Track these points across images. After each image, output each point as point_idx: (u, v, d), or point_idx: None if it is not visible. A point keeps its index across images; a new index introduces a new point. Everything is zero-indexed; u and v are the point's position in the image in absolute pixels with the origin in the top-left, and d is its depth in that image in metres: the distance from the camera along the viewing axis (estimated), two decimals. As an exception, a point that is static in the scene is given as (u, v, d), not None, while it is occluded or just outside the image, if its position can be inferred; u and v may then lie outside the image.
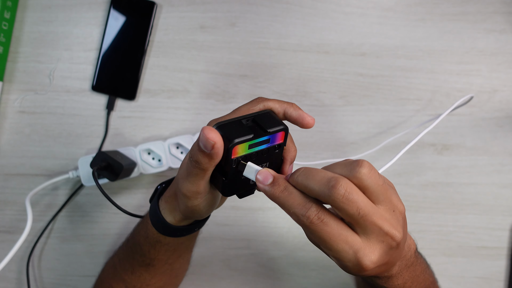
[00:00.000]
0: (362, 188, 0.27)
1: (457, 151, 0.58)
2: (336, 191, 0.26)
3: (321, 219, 0.27)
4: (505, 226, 0.58)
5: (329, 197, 0.27)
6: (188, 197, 0.33)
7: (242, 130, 0.30)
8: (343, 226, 0.28)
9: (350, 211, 0.27)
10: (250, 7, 0.57)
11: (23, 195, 0.57)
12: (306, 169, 0.29)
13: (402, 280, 0.35)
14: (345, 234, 0.27)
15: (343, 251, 0.27)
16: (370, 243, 0.28)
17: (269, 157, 0.32)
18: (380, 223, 0.27)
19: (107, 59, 0.56)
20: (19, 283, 0.57)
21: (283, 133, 0.32)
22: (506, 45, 0.57)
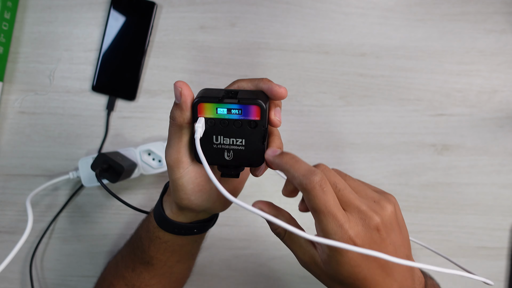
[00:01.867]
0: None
1: (457, 152, 0.58)
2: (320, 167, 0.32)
3: (322, 187, 0.29)
4: (505, 226, 0.58)
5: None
6: (171, 167, 0.34)
7: (214, 94, 0.31)
8: (337, 200, 0.30)
9: (333, 182, 0.31)
10: (250, 8, 0.57)
11: (23, 196, 0.57)
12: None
13: None
14: (337, 207, 0.30)
15: (332, 222, 0.29)
16: (352, 218, 0.30)
17: (245, 133, 0.32)
18: (358, 203, 0.31)
19: (107, 60, 0.56)
20: (19, 284, 0.58)
21: (258, 108, 0.31)
22: (506, 45, 0.57)
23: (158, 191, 0.57)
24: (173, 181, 0.35)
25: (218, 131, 0.32)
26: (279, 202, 0.59)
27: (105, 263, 0.52)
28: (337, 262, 0.30)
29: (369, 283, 0.31)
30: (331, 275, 0.32)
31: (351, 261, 0.30)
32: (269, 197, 0.58)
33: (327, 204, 0.30)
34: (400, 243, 0.32)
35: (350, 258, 0.30)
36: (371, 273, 0.31)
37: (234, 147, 0.33)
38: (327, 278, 0.33)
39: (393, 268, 0.31)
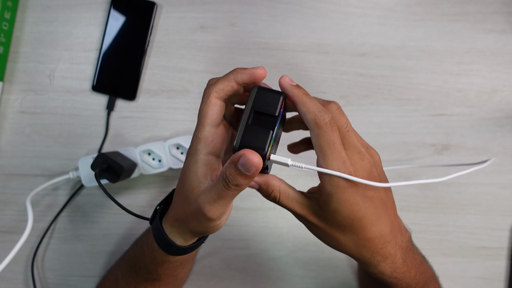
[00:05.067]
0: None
1: (457, 151, 0.58)
2: (333, 105, 0.34)
3: (332, 125, 0.31)
4: (505, 226, 0.58)
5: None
6: (214, 220, 0.33)
7: (260, 133, 0.31)
8: (341, 140, 0.32)
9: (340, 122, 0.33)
10: (250, 7, 0.57)
11: (23, 196, 0.57)
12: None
13: (407, 267, 0.36)
14: (341, 146, 0.32)
15: (337, 159, 0.31)
16: (352, 157, 0.32)
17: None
18: (358, 145, 0.33)
19: (107, 59, 0.56)
20: (20, 284, 0.58)
21: (283, 102, 0.33)
22: (506, 45, 0.57)
23: (158, 191, 0.57)
24: (210, 228, 0.34)
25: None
26: (279, 202, 0.59)
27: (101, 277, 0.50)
28: (337, 200, 0.32)
29: (365, 223, 0.33)
30: (329, 219, 0.33)
31: (351, 199, 0.32)
32: (269, 197, 0.58)
33: (335, 141, 0.31)
34: (388, 191, 0.36)
35: (349, 195, 0.32)
36: (368, 213, 0.33)
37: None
38: (325, 225, 0.34)
39: (385, 211, 0.34)
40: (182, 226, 0.35)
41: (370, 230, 0.33)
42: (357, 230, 0.33)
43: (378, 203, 0.34)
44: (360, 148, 0.33)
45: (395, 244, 0.35)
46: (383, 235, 0.34)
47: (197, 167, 0.32)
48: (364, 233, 0.33)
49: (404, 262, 0.36)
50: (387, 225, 0.34)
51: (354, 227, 0.33)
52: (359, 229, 0.33)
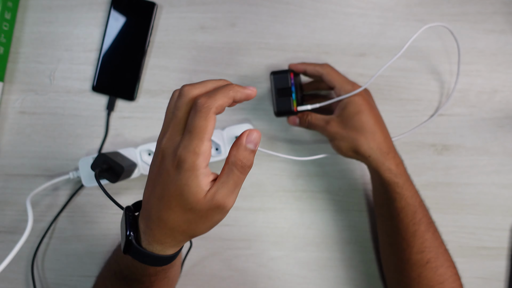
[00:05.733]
0: None
1: (457, 151, 0.58)
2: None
3: (334, 69, 0.52)
4: (505, 226, 0.58)
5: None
6: (227, 211, 0.34)
7: (286, 100, 0.51)
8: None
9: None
10: (250, 8, 0.57)
11: (23, 196, 0.57)
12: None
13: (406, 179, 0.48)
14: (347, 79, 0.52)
15: (347, 85, 0.50)
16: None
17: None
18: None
19: (108, 60, 0.57)
20: (20, 284, 0.58)
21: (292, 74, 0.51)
22: (506, 45, 0.57)
23: (158, 191, 0.57)
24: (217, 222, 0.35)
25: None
26: (278, 202, 0.59)
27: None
28: (353, 104, 0.48)
29: (371, 120, 0.48)
30: (345, 119, 0.49)
31: (360, 102, 0.49)
32: (269, 197, 0.58)
33: (340, 76, 0.51)
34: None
35: (360, 101, 0.48)
36: (371, 113, 0.49)
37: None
38: (343, 128, 0.49)
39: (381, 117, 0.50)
40: (178, 237, 0.35)
41: (374, 125, 0.48)
42: (365, 124, 0.48)
43: (376, 111, 0.50)
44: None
45: (392, 145, 0.49)
46: (383, 131, 0.49)
47: (198, 181, 0.32)
48: (370, 127, 0.48)
49: (404, 169, 0.49)
50: (385, 126, 0.50)
51: (363, 122, 0.48)
52: (367, 124, 0.48)
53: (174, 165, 0.32)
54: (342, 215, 0.58)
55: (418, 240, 0.47)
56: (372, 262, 0.57)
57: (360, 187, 0.58)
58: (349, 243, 0.58)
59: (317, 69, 0.51)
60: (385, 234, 0.51)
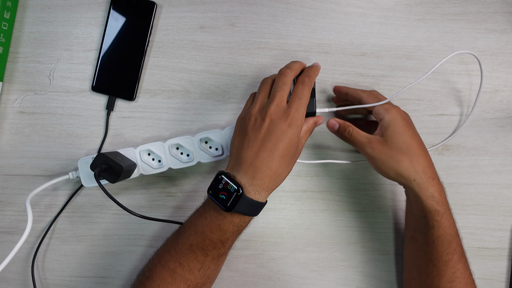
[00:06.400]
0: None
1: (458, 151, 0.58)
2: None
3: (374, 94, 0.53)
4: (506, 226, 0.57)
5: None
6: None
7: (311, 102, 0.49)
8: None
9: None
10: (250, 7, 0.57)
11: (23, 196, 0.57)
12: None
13: (447, 208, 0.47)
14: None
15: (384, 105, 0.50)
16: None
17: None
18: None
19: (107, 60, 0.56)
20: (19, 284, 0.57)
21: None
22: (506, 45, 0.57)
23: (158, 191, 0.57)
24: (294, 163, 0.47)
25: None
26: (279, 202, 0.59)
27: (143, 277, 0.47)
28: (395, 124, 0.47)
29: (415, 141, 0.47)
30: (389, 141, 0.47)
31: (402, 122, 0.47)
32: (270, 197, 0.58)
33: (381, 100, 0.51)
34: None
35: (401, 121, 0.47)
36: (415, 134, 0.47)
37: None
38: (387, 148, 0.47)
39: (423, 148, 0.47)
40: (278, 181, 0.44)
41: (419, 147, 0.46)
42: (410, 146, 0.46)
43: (417, 132, 0.48)
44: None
45: (435, 172, 0.47)
46: (427, 156, 0.47)
47: (301, 134, 0.46)
48: (415, 149, 0.46)
49: (445, 198, 0.47)
50: (428, 156, 0.47)
51: (408, 144, 0.46)
52: (411, 146, 0.46)
53: (287, 123, 0.43)
54: (342, 216, 0.57)
55: (450, 270, 0.46)
56: (372, 262, 0.57)
57: (360, 187, 0.57)
58: (349, 244, 0.57)
59: (358, 92, 0.52)
60: (414, 257, 0.50)
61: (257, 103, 0.46)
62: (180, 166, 0.53)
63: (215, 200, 0.43)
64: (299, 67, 0.48)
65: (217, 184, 0.44)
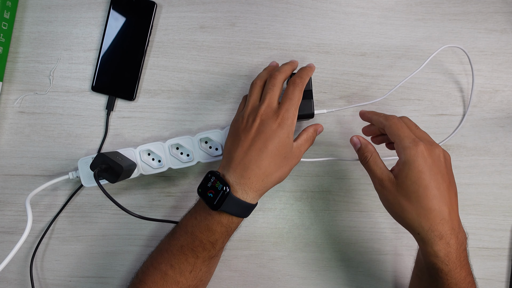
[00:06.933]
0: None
1: (458, 151, 0.57)
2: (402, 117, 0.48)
3: (400, 122, 0.45)
4: (506, 226, 0.57)
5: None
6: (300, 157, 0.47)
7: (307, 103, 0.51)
8: (410, 131, 0.45)
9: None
10: (250, 7, 0.57)
11: (22, 196, 0.57)
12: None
13: (459, 262, 0.41)
14: (410, 133, 0.44)
15: (407, 140, 0.43)
16: (421, 142, 0.43)
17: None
18: (428, 138, 0.46)
19: (107, 59, 0.56)
20: (19, 284, 0.57)
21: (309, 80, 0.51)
22: (507, 45, 0.57)
23: (157, 191, 0.57)
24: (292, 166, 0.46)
25: None
26: (279, 202, 0.59)
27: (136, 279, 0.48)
28: (409, 167, 0.41)
29: (428, 192, 0.41)
30: (400, 184, 0.42)
31: (420, 167, 0.41)
32: (269, 197, 0.58)
33: (404, 130, 0.44)
34: (451, 180, 0.43)
35: (419, 164, 0.41)
36: (432, 184, 0.41)
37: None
38: (396, 190, 0.42)
39: (447, 192, 0.41)
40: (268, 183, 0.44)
41: (431, 201, 0.40)
42: (421, 197, 0.41)
43: (441, 181, 0.41)
44: (429, 139, 0.45)
45: (451, 229, 0.41)
46: (442, 211, 0.41)
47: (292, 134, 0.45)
48: (426, 202, 0.41)
49: (457, 255, 0.41)
50: (447, 205, 0.41)
51: (419, 194, 0.41)
52: (422, 197, 0.41)
53: (277, 123, 0.43)
54: (343, 216, 0.57)
55: None
56: (372, 262, 0.57)
57: (361, 187, 0.57)
58: (350, 244, 0.57)
59: (381, 120, 0.46)
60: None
61: (248, 106, 0.46)
62: (180, 166, 0.53)
63: (203, 198, 0.43)
64: (289, 68, 0.48)
65: (206, 183, 0.44)
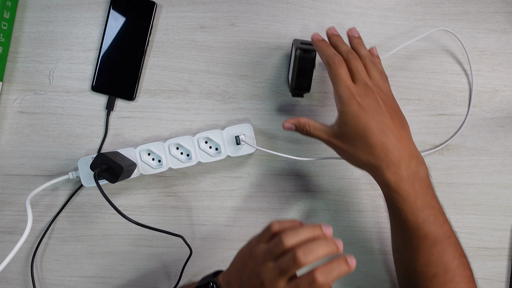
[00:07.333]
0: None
1: (458, 151, 0.57)
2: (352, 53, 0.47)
3: (340, 64, 0.45)
4: (506, 226, 0.57)
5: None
6: None
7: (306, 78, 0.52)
8: (348, 75, 0.45)
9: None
10: (250, 7, 0.57)
11: (22, 196, 0.57)
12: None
13: (413, 191, 0.43)
14: (347, 77, 0.44)
15: (342, 85, 0.44)
16: (357, 86, 0.44)
17: None
18: (366, 80, 0.45)
19: (107, 59, 0.56)
20: (18, 284, 0.57)
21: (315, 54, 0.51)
22: (507, 45, 0.57)
23: (157, 191, 0.57)
24: None
25: None
26: (279, 202, 0.59)
27: None
28: (346, 114, 0.44)
29: (368, 132, 0.43)
30: (343, 135, 0.45)
31: (353, 112, 0.43)
32: (269, 197, 0.58)
33: (341, 74, 0.44)
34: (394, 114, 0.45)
35: (352, 109, 0.43)
36: (369, 124, 0.43)
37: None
38: (341, 142, 0.45)
39: (389, 128, 0.43)
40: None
41: (372, 138, 0.43)
42: (362, 138, 0.43)
43: (379, 118, 0.43)
44: (367, 81, 0.45)
45: (399, 158, 0.43)
46: (385, 144, 0.43)
47: None
48: (367, 141, 0.43)
49: (410, 184, 0.43)
50: (391, 138, 0.43)
51: (360, 136, 0.43)
52: (363, 138, 0.43)
53: None
54: (343, 215, 0.57)
55: (423, 254, 0.44)
56: (372, 262, 0.57)
57: (360, 187, 0.57)
58: (350, 244, 0.57)
59: (324, 61, 0.47)
60: (394, 239, 0.49)
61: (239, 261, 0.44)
62: (180, 166, 0.53)
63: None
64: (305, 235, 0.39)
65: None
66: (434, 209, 0.44)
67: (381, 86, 0.45)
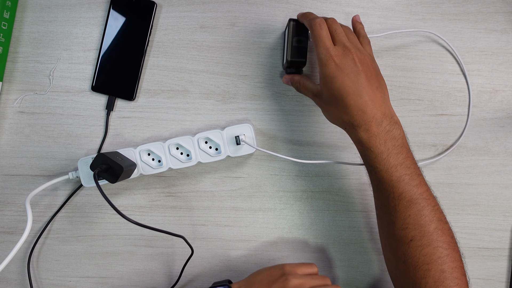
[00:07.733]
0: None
1: (458, 151, 0.57)
2: (329, 19, 0.49)
3: (320, 25, 0.47)
4: (506, 226, 0.57)
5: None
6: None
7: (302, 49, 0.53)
8: (329, 36, 0.47)
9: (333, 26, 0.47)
10: (250, 7, 0.57)
11: (22, 196, 0.57)
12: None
13: (385, 148, 0.44)
14: (327, 39, 0.46)
15: (322, 46, 0.46)
16: (336, 47, 0.46)
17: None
18: (345, 42, 0.46)
19: (107, 59, 0.56)
20: (18, 285, 0.57)
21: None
22: (507, 45, 0.57)
23: (157, 191, 0.57)
24: None
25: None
26: (279, 202, 0.59)
27: None
28: (324, 75, 0.45)
29: (342, 92, 0.44)
30: (323, 91, 0.47)
31: (330, 72, 0.45)
32: (269, 197, 0.58)
33: (321, 35, 0.46)
34: (371, 75, 0.45)
35: (330, 71, 0.45)
36: (344, 85, 0.44)
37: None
38: (322, 101, 0.48)
39: (364, 89, 0.44)
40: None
41: (346, 99, 0.44)
42: (338, 98, 0.45)
43: (355, 79, 0.44)
44: (346, 43, 0.46)
45: (371, 117, 0.44)
46: (358, 104, 0.44)
47: None
48: (342, 101, 0.44)
49: (382, 141, 0.44)
50: (365, 98, 0.44)
51: (336, 96, 0.45)
52: (339, 98, 0.44)
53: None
54: (342, 216, 0.57)
55: (400, 215, 0.44)
56: (372, 262, 0.57)
57: (361, 187, 0.57)
58: (349, 244, 0.57)
59: (306, 24, 0.49)
60: (376, 205, 0.49)
61: None
62: (180, 166, 0.53)
63: None
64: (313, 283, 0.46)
65: None
66: (409, 169, 0.44)
67: (359, 48, 0.47)
